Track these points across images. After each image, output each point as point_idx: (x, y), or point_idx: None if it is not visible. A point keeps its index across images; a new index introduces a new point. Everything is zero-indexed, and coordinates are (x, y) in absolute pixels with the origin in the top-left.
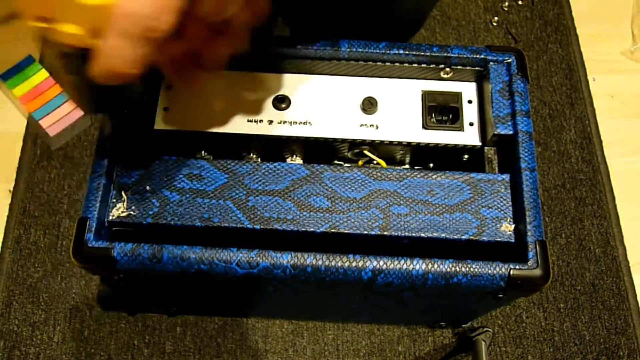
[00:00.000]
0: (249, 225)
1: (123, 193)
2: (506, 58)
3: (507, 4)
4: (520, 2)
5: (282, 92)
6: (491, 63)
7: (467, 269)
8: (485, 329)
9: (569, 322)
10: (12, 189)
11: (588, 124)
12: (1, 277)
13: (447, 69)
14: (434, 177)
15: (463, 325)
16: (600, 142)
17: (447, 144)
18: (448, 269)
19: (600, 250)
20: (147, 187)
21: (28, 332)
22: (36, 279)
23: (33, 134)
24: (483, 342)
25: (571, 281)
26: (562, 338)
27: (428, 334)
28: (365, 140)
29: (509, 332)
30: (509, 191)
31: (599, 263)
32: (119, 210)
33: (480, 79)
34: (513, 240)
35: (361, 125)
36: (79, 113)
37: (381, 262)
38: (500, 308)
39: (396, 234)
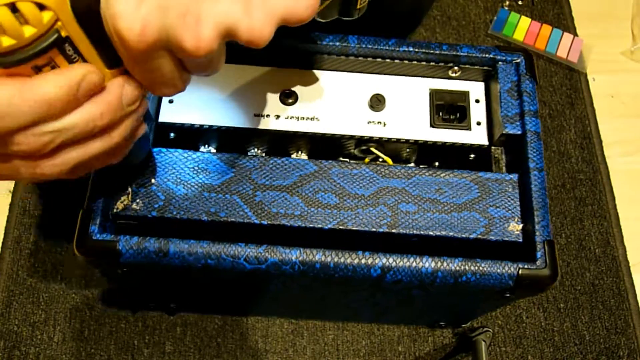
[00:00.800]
0: (256, 221)
1: (128, 186)
2: (515, 58)
3: (507, 3)
4: (520, 2)
5: (290, 87)
6: (500, 63)
7: (476, 267)
8: (485, 329)
9: (569, 322)
10: (12, 189)
11: (588, 124)
12: (1, 277)
13: (456, 68)
14: (442, 175)
15: (463, 325)
16: (600, 142)
17: (454, 143)
18: (457, 268)
19: (600, 250)
20: (153, 180)
21: (28, 332)
22: (36, 279)
23: None
24: (483, 342)
25: (571, 281)
26: (562, 338)
27: (428, 334)
28: (372, 137)
29: (509, 332)
30: (517, 191)
31: (599, 263)
32: (123, 203)
33: (488, 79)
34: (521, 240)
35: (369, 122)
36: None
37: (390, 260)
38: (500, 308)
39: (404, 231)
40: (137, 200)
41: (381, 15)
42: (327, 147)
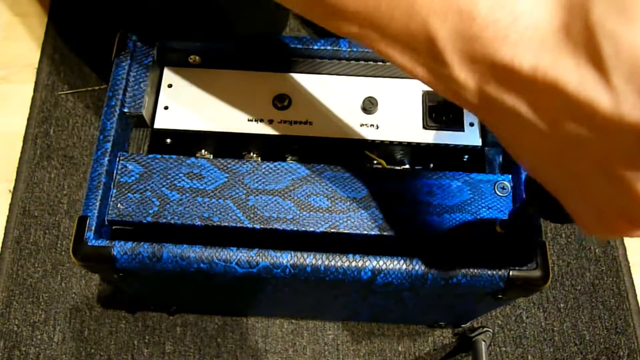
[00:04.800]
0: (248, 225)
1: (123, 192)
2: None
3: None
4: None
5: (283, 91)
6: None
7: (467, 269)
8: (485, 329)
9: (569, 322)
10: (12, 189)
11: None
12: (1, 277)
13: None
14: (434, 177)
15: (463, 325)
16: None
17: (447, 145)
18: (447, 269)
19: (600, 250)
20: (147, 186)
21: (28, 332)
22: (36, 279)
23: (33, 134)
24: (483, 342)
25: (571, 281)
26: (562, 338)
27: (428, 334)
28: (365, 140)
29: (509, 332)
30: (509, 192)
31: (599, 263)
32: (118, 209)
33: None
34: None
35: (361, 125)
36: None
37: (381, 262)
38: (500, 308)
39: (395, 234)
40: (132, 206)
41: None
42: (320, 150)
